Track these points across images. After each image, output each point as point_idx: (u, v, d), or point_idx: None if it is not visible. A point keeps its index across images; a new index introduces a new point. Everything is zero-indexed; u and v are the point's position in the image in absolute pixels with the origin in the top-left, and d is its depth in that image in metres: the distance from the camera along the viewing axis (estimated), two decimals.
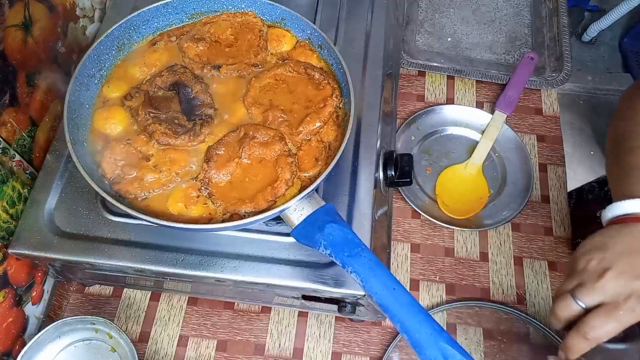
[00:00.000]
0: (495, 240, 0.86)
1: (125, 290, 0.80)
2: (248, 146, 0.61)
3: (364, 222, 0.64)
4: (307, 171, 0.61)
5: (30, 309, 0.72)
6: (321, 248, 0.53)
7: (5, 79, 0.63)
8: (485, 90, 0.99)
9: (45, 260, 0.65)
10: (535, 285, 0.82)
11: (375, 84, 0.74)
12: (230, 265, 0.62)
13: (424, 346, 0.48)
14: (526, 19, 1.07)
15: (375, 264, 0.52)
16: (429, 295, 0.82)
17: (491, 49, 1.03)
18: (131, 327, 0.78)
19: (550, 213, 0.88)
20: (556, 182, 0.91)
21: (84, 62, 0.63)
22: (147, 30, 0.70)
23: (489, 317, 0.80)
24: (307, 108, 0.65)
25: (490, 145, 0.91)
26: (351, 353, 0.77)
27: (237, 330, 0.78)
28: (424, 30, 1.05)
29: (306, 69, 0.67)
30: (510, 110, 0.94)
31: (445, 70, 0.99)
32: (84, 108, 0.64)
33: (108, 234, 0.63)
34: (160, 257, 0.62)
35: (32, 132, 0.70)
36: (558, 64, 1.00)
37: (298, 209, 0.56)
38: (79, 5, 0.78)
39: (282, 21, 0.71)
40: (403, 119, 0.95)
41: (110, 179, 0.60)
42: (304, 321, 0.79)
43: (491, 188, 0.89)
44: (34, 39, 0.68)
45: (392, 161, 0.69)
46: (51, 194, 0.66)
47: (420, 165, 0.92)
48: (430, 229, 0.87)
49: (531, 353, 0.77)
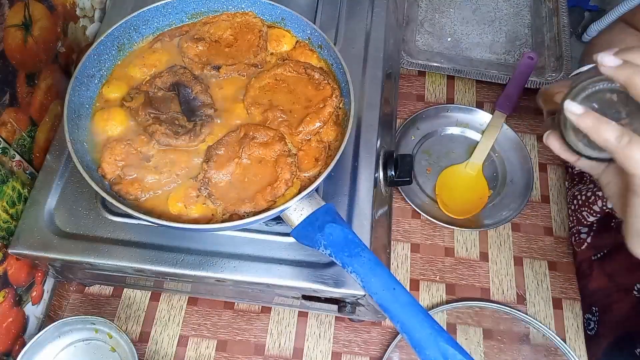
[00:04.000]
0: (495, 240, 0.86)
1: (125, 290, 0.80)
2: (248, 146, 0.61)
3: (364, 222, 0.64)
4: (307, 171, 0.61)
5: (30, 309, 0.72)
6: (321, 248, 0.53)
7: (5, 79, 0.63)
8: (485, 90, 0.99)
9: (45, 260, 0.65)
10: (535, 285, 0.82)
11: (375, 84, 0.74)
12: (230, 265, 0.62)
13: (424, 346, 0.48)
14: (526, 19, 1.07)
15: (375, 264, 0.52)
16: (429, 295, 0.82)
17: (491, 49, 1.03)
18: (131, 327, 0.78)
19: (550, 213, 0.88)
20: (556, 182, 0.91)
21: (84, 62, 0.63)
22: (147, 30, 0.70)
23: (489, 317, 0.80)
24: (307, 108, 0.65)
25: (490, 145, 0.91)
26: (351, 353, 0.77)
27: (237, 330, 0.78)
28: (424, 30, 1.05)
29: (306, 69, 0.67)
30: (510, 110, 0.93)
31: (445, 70, 0.99)
32: (84, 108, 0.64)
33: (108, 234, 0.63)
34: (160, 257, 0.62)
35: (32, 132, 0.70)
36: (558, 64, 1.00)
37: (298, 209, 0.56)
38: (79, 5, 0.78)
39: (282, 21, 0.71)
40: (403, 119, 0.95)
41: (110, 180, 0.60)
42: (304, 321, 0.79)
43: (491, 188, 0.90)
44: (34, 39, 0.68)
45: (392, 161, 0.69)
46: (51, 194, 0.66)
47: (420, 165, 0.92)
48: (430, 229, 0.87)
49: (531, 353, 0.77)
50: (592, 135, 0.46)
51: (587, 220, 0.82)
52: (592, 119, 0.46)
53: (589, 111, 0.46)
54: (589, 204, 0.81)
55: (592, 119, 0.46)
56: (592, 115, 0.46)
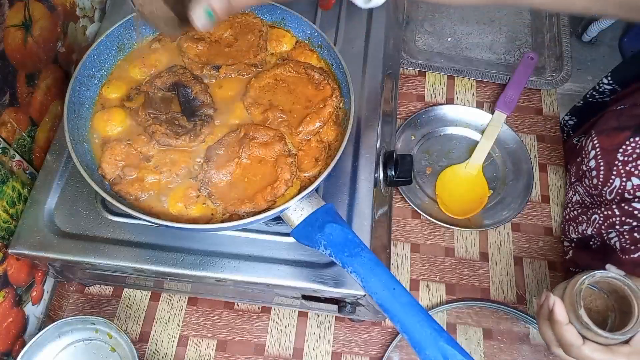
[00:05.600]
0: (495, 240, 0.86)
1: (125, 290, 0.80)
2: (248, 146, 0.61)
3: (364, 222, 0.64)
4: (307, 171, 0.61)
5: (30, 309, 0.72)
6: (321, 248, 0.53)
7: (5, 79, 0.63)
8: (485, 90, 0.99)
9: (45, 260, 0.65)
10: (535, 285, 0.82)
11: (375, 84, 0.74)
12: (230, 265, 0.62)
13: (424, 346, 0.48)
14: (526, 19, 1.07)
15: (375, 264, 0.52)
16: (429, 295, 0.82)
17: (491, 49, 1.03)
18: (131, 327, 0.78)
19: (550, 213, 0.88)
20: (556, 182, 0.91)
21: (84, 62, 0.63)
22: (147, 30, 0.70)
23: (489, 317, 0.80)
24: (307, 108, 0.65)
25: (490, 145, 0.91)
26: (351, 353, 0.77)
27: (237, 330, 0.78)
28: (424, 30, 1.05)
29: (306, 69, 0.67)
30: (510, 110, 0.93)
31: (445, 70, 0.99)
32: (84, 108, 0.64)
33: (108, 234, 0.63)
34: (160, 257, 0.62)
35: (32, 132, 0.70)
36: (558, 64, 1.00)
37: (298, 209, 0.56)
38: (79, 5, 0.78)
39: (282, 21, 0.71)
40: (403, 119, 0.95)
41: (110, 180, 0.60)
42: (304, 321, 0.79)
43: (491, 188, 0.89)
44: (34, 39, 0.68)
45: (392, 161, 0.69)
46: (51, 194, 0.66)
47: (420, 165, 0.92)
48: (430, 229, 0.87)
49: (531, 353, 0.77)
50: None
51: (571, 235, 0.83)
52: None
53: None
54: (577, 222, 0.82)
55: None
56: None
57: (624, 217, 0.71)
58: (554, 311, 0.55)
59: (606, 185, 0.75)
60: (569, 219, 0.85)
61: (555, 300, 0.55)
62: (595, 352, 0.54)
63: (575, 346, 0.55)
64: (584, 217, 0.80)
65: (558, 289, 0.59)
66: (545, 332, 0.58)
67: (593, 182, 0.77)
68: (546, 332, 0.58)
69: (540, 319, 0.59)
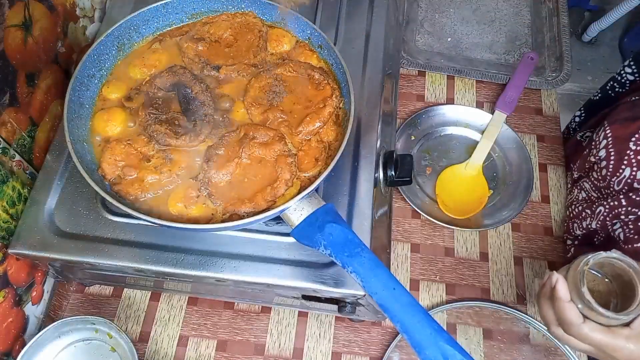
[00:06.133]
0: (495, 240, 0.86)
1: (125, 290, 0.80)
2: (248, 146, 0.61)
3: (364, 222, 0.64)
4: (307, 171, 0.61)
5: (30, 309, 0.72)
6: (321, 248, 0.53)
7: (5, 79, 0.63)
8: (485, 90, 0.99)
9: (45, 260, 0.65)
10: (535, 285, 0.82)
11: (375, 84, 0.74)
12: (230, 265, 0.62)
13: (424, 346, 0.48)
14: (526, 19, 1.07)
15: (375, 264, 0.52)
16: (429, 295, 0.82)
17: (491, 49, 1.03)
18: (131, 327, 0.78)
19: (550, 213, 0.88)
20: (556, 182, 0.91)
21: (84, 62, 0.63)
22: (147, 30, 0.70)
23: (489, 317, 0.80)
24: (307, 108, 0.65)
25: (490, 145, 0.91)
26: (351, 353, 0.77)
27: (237, 330, 0.78)
28: (424, 30, 1.05)
29: (306, 69, 0.67)
30: (510, 110, 0.93)
31: (445, 70, 0.99)
32: (84, 108, 0.64)
33: (108, 234, 0.63)
34: (160, 257, 0.62)
35: (32, 132, 0.70)
36: (558, 64, 1.00)
37: (298, 209, 0.56)
38: (79, 5, 0.78)
39: (282, 21, 0.71)
40: (403, 119, 0.95)
41: (110, 180, 0.60)
42: (304, 321, 0.79)
43: (491, 188, 0.89)
44: (34, 39, 0.68)
45: (392, 161, 0.69)
46: (51, 194, 0.65)
47: (420, 165, 0.92)
48: (430, 229, 0.87)
49: (531, 353, 0.77)
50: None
51: (575, 232, 0.83)
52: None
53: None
54: (581, 218, 0.82)
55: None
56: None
57: (630, 206, 0.71)
58: (556, 288, 0.55)
59: (615, 176, 0.74)
60: (572, 216, 0.84)
61: (558, 278, 0.55)
62: (594, 332, 0.53)
63: (575, 325, 0.54)
64: (589, 211, 0.79)
65: (561, 270, 0.58)
66: (545, 311, 0.58)
67: (602, 173, 0.77)
68: (547, 312, 0.58)
69: (541, 298, 0.58)
